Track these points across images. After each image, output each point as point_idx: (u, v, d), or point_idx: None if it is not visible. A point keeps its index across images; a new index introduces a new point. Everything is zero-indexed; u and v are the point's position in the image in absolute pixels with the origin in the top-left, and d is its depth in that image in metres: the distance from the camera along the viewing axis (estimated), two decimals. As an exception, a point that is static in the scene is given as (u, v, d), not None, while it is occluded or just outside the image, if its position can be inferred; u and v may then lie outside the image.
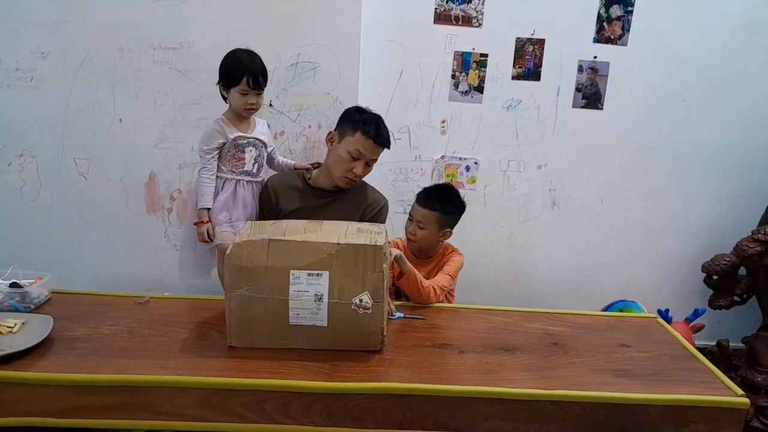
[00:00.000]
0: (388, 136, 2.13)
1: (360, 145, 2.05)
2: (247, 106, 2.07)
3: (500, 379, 1.50)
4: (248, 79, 2.04)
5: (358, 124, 2.06)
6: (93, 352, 1.55)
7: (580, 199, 2.86)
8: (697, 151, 2.82)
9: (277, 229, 1.63)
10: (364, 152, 2.06)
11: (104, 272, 2.73)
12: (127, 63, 2.50)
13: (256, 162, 2.15)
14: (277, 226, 1.66)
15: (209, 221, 2.11)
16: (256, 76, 2.05)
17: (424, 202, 2.14)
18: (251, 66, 2.05)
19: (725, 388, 1.51)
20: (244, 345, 1.58)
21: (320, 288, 1.52)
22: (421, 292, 1.94)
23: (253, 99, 2.07)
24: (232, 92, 2.06)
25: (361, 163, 2.08)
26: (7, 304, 1.74)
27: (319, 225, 1.68)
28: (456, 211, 2.19)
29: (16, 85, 2.52)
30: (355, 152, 2.06)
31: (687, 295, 2.91)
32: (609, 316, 2.03)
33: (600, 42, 2.67)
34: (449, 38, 2.65)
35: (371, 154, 2.09)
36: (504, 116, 2.75)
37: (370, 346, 1.58)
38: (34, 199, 2.64)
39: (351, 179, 2.11)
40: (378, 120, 2.11)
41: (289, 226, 1.66)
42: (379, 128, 2.09)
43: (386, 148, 2.14)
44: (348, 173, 2.09)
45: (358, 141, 2.05)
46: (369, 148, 2.06)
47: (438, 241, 2.18)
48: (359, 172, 2.08)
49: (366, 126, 2.05)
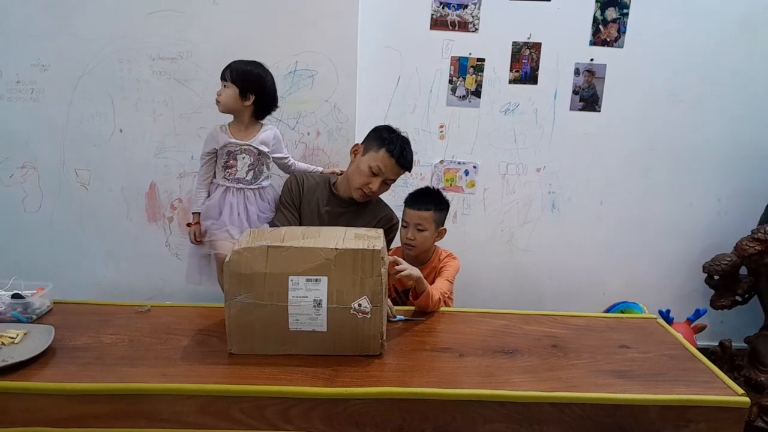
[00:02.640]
0: (411, 159, 2.16)
1: (382, 162, 2.08)
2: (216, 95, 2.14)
3: (500, 381, 1.49)
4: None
5: (385, 142, 2.09)
6: (94, 361, 1.55)
7: (579, 202, 2.87)
8: (696, 151, 2.82)
9: (276, 236, 1.64)
10: (384, 170, 2.09)
11: (106, 282, 2.74)
12: (126, 74, 2.52)
13: (251, 170, 2.17)
14: (275, 233, 1.67)
15: (197, 223, 2.21)
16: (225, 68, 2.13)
17: (419, 205, 2.15)
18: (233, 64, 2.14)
19: (726, 387, 1.51)
20: (244, 352, 1.59)
21: (319, 293, 1.52)
22: (434, 306, 1.93)
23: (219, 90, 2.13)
24: None
25: (379, 180, 2.11)
26: (9, 314, 1.75)
27: (318, 231, 1.69)
28: (447, 208, 2.22)
29: (17, 98, 2.54)
30: (376, 168, 2.09)
31: (688, 295, 2.91)
32: (609, 318, 2.03)
33: (596, 44, 2.69)
34: (446, 44, 2.66)
35: (391, 174, 2.12)
36: (502, 120, 2.76)
37: (370, 350, 1.58)
38: (36, 210, 2.66)
39: (366, 193, 2.13)
40: (404, 142, 2.15)
41: (287, 232, 1.67)
42: (404, 150, 2.12)
43: (407, 171, 2.17)
44: (364, 187, 2.11)
45: (381, 158, 2.08)
46: (390, 167, 2.10)
47: (433, 243, 2.19)
48: (375, 188, 2.11)
49: (392, 145, 2.09)
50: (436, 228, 2.15)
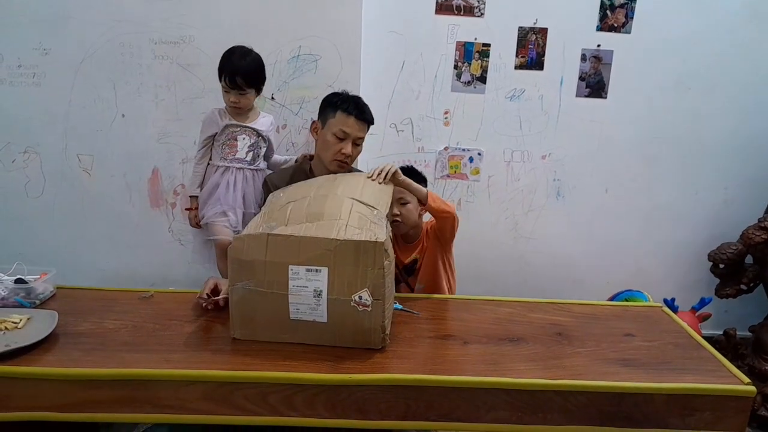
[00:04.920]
0: (370, 112, 2.11)
1: (342, 123, 2.04)
2: (230, 103, 2.13)
3: (504, 369, 1.49)
4: (226, 78, 2.10)
5: (337, 105, 2.06)
6: (98, 346, 1.55)
7: (584, 189, 2.85)
8: (703, 139, 2.79)
9: (281, 216, 1.62)
10: (348, 130, 2.04)
11: (108, 267, 2.73)
12: (128, 58, 2.50)
13: (251, 150, 2.18)
14: (282, 212, 1.65)
15: (196, 208, 2.25)
16: (233, 76, 2.09)
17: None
18: (233, 65, 2.10)
19: (731, 376, 1.50)
20: (246, 337, 1.59)
21: (319, 284, 1.50)
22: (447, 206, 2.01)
23: (234, 97, 2.12)
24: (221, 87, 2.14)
25: (348, 143, 2.05)
26: (12, 299, 1.75)
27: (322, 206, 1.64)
28: (424, 181, 2.20)
29: (19, 82, 2.52)
30: (340, 132, 2.04)
31: (693, 284, 2.90)
32: (614, 306, 2.02)
33: (603, 30, 2.65)
34: (451, 28, 2.63)
35: (356, 132, 2.06)
36: (507, 106, 2.73)
37: (371, 344, 1.56)
38: (39, 195, 2.65)
39: (342, 161, 2.08)
40: (357, 98, 2.11)
41: (293, 210, 1.64)
42: (359, 104, 2.08)
43: (369, 123, 2.12)
44: (337, 155, 2.07)
45: (339, 121, 2.04)
46: (352, 125, 2.05)
47: (420, 217, 2.17)
48: (348, 152, 2.06)
49: (345, 104, 2.05)
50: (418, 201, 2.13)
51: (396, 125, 2.74)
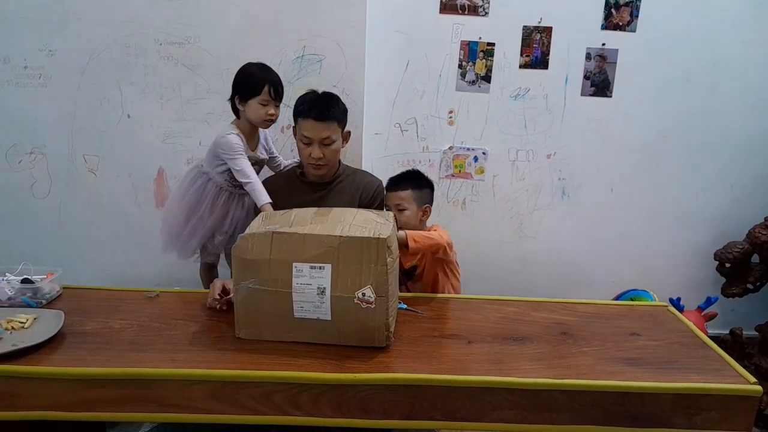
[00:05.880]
0: (334, 108, 2.02)
1: (303, 128, 2.00)
2: (267, 117, 2.09)
3: (509, 369, 1.49)
4: (270, 89, 2.06)
5: (298, 109, 2.03)
6: (104, 346, 1.56)
7: (589, 188, 2.84)
8: (709, 137, 2.78)
9: (285, 220, 1.62)
10: (308, 134, 1.99)
11: (114, 267, 2.75)
12: (134, 59, 2.51)
13: None
14: (285, 217, 1.66)
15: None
16: (277, 85, 2.09)
17: (396, 186, 2.14)
18: (271, 76, 2.09)
19: (737, 375, 1.49)
20: (251, 337, 1.59)
21: (323, 281, 1.51)
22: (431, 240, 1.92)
23: (273, 110, 2.09)
24: (250, 104, 2.07)
25: (315, 146, 2.00)
26: (19, 299, 1.76)
27: (328, 212, 1.66)
28: (427, 185, 2.17)
29: (25, 83, 2.53)
30: (303, 137, 2.01)
31: (699, 283, 2.88)
32: (619, 305, 2.02)
33: (608, 29, 2.64)
34: (455, 28, 2.63)
35: (318, 133, 1.98)
36: (512, 105, 2.73)
37: (375, 342, 1.56)
38: (45, 196, 2.66)
39: (314, 164, 2.05)
40: (317, 98, 2.04)
41: (297, 216, 1.66)
42: (318, 104, 2.01)
43: (330, 121, 1.99)
44: (309, 159, 2.04)
45: (301, 126, 2.01)
46: (311, 128, 1.98)
47: (420, 223, 2.15)
48: (317, 155, 2.01)
49: (303, 107, 2.01)
50: (419, 207, 2.11)
51: (400, 125, 2.74)
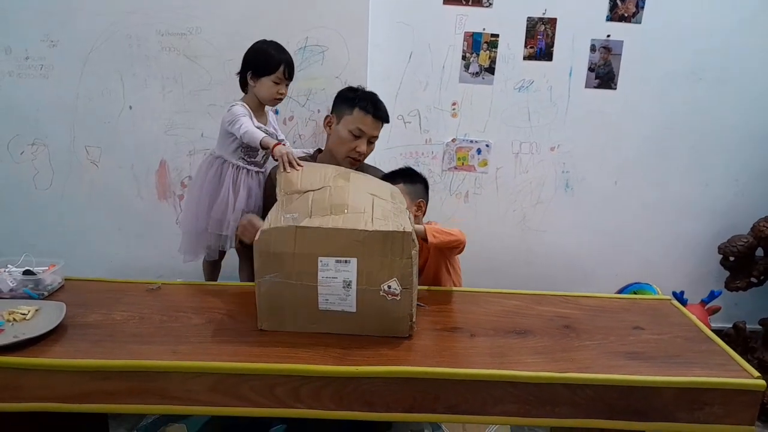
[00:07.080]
0: (386, 110, 2.13)
1: (359, 122, 2.04)
2: (278, 95, 2.09)
3: (512, 362, 1.48)
4: (285, 69, 2.06)
5: (355, 102, 2.05)
6: (106, 338, 1.56)
7: (593, 181, 2.82)
8: (714, 130, 2.76)
9: (303, 207, 1.62)
10: (364, 129, 2.05)
11: (116, 259, 2.75)
12: (136, 50, 2.50)
13: (266, 153, 2.15)
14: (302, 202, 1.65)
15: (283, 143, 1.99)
16: (291, 66, 2.09)
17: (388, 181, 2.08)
18: (286, 56, 2.09)
19: (741, 370, 1.49)
20: (274, 328, 1.60)
21: (348, 274, 1.52)
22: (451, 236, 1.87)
23: (284, 89, 2.10)
24: (263, 81, 2.07)
25: (364, 141, 2.07)
26: (20, 291, 1.76)
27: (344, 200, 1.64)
28: (420, 181, 2.14)
29: (27, 74, 2.53)
30: (356, 130, 2.05)
31: (703, 277, 2.88)
32: (622, 299, 2.01)
33: (613, 20, 2.62)
34: (459, 19, 2.61)
35: (372, 130, 2.08)
36: (516, 98, 2.71)
37: (399, 332, 1.57)
38: (47, 187, 2.66)
39: (355, 158, 2.10)
40: (373, 96, 2.12)
41: (314, 201, 1.64)
42: (376, 103, 2.08)
43: (385, 122, 2.13)
44: (351, 152, 2.08)
45: (357, 118, 2.04)
46: (369, 124, 2.06)
47: (415, 218, 2.12)
48: (363, 150, 2.08)
49: (362, 102, 2.05)
50: (412, 201, 2.08)
51: (403, 117, 2.72)
